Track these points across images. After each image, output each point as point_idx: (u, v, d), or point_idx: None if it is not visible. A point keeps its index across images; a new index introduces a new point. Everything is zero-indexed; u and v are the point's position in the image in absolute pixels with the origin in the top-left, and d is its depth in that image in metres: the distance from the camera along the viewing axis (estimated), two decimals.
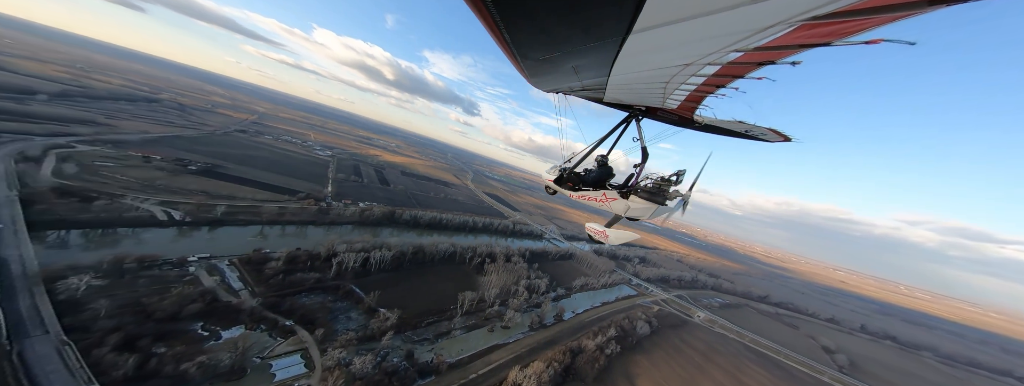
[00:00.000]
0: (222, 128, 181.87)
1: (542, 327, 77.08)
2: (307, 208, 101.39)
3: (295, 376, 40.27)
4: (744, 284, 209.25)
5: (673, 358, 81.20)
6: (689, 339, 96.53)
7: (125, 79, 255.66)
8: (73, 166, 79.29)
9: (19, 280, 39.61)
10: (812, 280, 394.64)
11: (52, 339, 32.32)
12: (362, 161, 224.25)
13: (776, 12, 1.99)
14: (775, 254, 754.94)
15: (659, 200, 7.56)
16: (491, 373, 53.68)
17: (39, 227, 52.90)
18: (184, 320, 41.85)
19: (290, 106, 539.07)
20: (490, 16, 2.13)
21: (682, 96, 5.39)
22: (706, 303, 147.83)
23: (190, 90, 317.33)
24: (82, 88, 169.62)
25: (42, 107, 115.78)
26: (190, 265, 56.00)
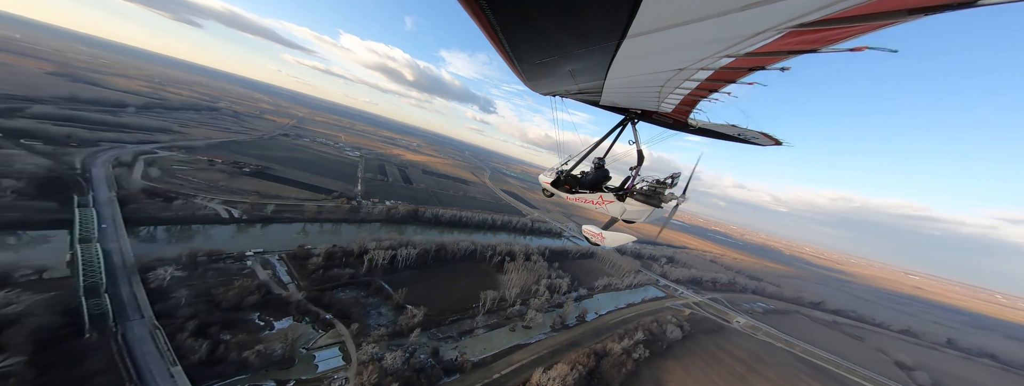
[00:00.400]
0: (269, 133, 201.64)
1: (564, 328, 75.85)
2: (341, 207, 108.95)
3: (334, 368, 42.87)
4: (793, 288, 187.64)
5: (710, 366, 75.61)
6: (727, 346, 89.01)
7: (192, 91, 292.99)
8: (157, 170, 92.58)
9: (120, 270, 47.28)
10: (878, 285, 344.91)
11: (146, 323, 38.24)
12: (387, 161, 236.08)
13: (765, 19, 2.08)
14: (828, 255, 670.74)
15: (655, 203, 7.66)
16: (514, 374, 53.71)
17: (133, 223, 62.60)
18: (244, 310, 46.97)
19: (323, 110, 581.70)
20: (487, 20, 2.12)
21: (677, 100, 5.44)
22: (746, 308, 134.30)
23: (242, 98, 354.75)
24: (160, 100, 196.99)
25: (131, 118, 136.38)
26: (247, 259, 62.86)
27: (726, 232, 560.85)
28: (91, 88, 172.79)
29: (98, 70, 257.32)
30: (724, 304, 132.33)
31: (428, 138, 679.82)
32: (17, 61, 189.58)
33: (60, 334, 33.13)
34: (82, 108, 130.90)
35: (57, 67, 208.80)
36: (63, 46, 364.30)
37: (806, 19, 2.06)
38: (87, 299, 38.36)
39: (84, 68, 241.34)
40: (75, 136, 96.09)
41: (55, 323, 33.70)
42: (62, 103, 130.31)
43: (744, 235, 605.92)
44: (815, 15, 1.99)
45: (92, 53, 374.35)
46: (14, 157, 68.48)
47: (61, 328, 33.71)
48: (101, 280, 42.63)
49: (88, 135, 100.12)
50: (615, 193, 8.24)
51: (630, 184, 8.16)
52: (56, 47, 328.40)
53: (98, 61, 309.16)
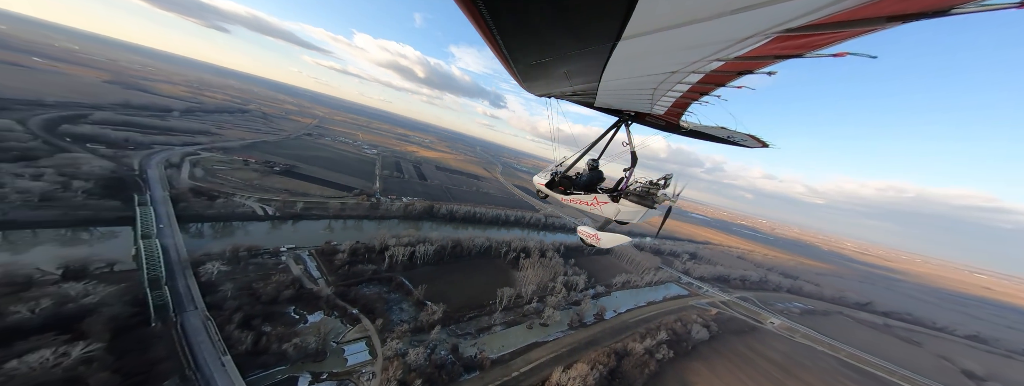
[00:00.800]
0: (294, 133, 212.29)
1: (582, 326, 74.87)
2: (362, 203, 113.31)
3: (362, 362, 44.64)
4: (834, 287, 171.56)
5: (740, 369, 71.59)
6: (760, 348, 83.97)
7: (225, 94, 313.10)
8: (200, 170, 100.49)
9: (176, 264, 52.19)
10: (937, 285, 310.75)
11: (199, 314, 42.17)
12: (402, 158, 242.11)
13: (753, 24, 2.21)
14: (874, 251, 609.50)
15: (648, 203, 7.76)
16: (532, 372, 53.81)
17: (184, 220, 68.64)
18: (281, 303, 50.33)
19: (342, 109, 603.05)
20: (483, 21, 2.16)
21: (669, 102, 5.57)
22: (781, 308, 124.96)
23: (269, 100, 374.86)
24: (198, 104, 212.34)
25: (176, 122, 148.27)
26: (282, 255, 67.27)
27: (754, 226, 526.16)
28: (142, 94, 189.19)
29: (146, 77, 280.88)
30: (755, 303, 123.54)
31: (440, 134, 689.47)
32: (79, 71, 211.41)
33: (131, 323, 37.28)
34: (135, 113, 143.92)
35: (112, 76, 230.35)
36: (116, 55, 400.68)
37: (792, 25, 2.15)
38: (151, 291, 42.71)
39: (135, 76, 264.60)
40: (132, 140, 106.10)
41: (126, 312, 37.89)
42: (119, 109, 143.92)
43: (775, 229, 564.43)
44: (800, 21, 2.09)
45: (140, 61, 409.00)
46: (82, 160, 76.72)
47: (131, 317, 37.88)
48: (161, 273, 47.27)
49: (142, 138, 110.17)
50: (609, 194, 8.22)
51: (624, 185, 8.19)
52: (110, 57, 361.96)
53: (145, 69, 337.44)
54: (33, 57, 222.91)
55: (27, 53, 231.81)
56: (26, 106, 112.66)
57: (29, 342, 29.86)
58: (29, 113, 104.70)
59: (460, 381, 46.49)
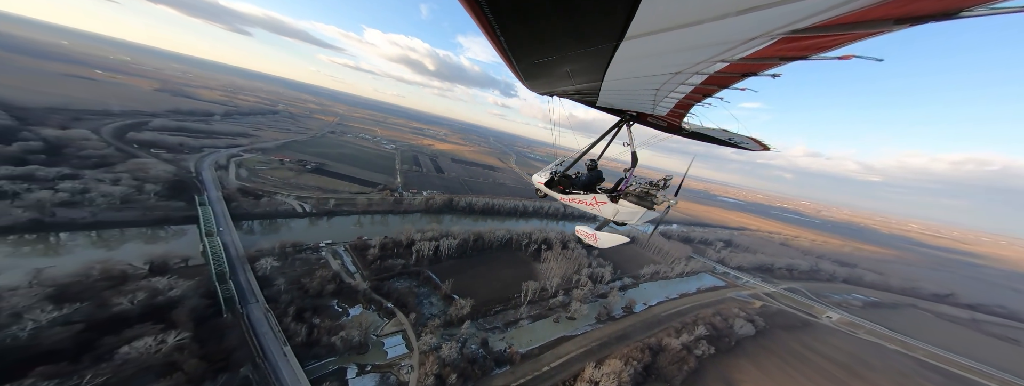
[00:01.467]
0: (319, 131, 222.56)
1: (610, 320, 73.24)
2: (386, 199, 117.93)
3: (400, 355, 46.66)
4: (902, 276, 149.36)
5: (795, 368, 64.76)
6: (817, 346, 75.83)
7: (256, 96, 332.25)
8: (244, 171, 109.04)
9: (236, 259, 58.06)
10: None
11: (260, 307, 47.07)
12: (419, 151, 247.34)
13: (759, 25, 2.19)
14: (947, 232, 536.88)
15: (647, 204, 7.75)
16: (563, 367, 53.66)
17: (237, 218, 75.56)
18: (325, 297, 54.47)
19: (359, 106, 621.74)
20: (485, 19, 2.17)
21: (672, 103, 5.64)
22: (838, 300, 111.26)
23: (293, 100, 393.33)
24: (235, 107, 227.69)
25: (219, 125, 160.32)
26: (321, 250, 72.43)
27: (797, 209, 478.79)
28: (187, 101, 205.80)
29: (188, 84, 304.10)
30: (806, 295, 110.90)
31: (453, 126, 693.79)
32: (133, 81, 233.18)
33: (207, 314, 42.49)
34: (184, 119, 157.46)
35: (161, 84, 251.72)
36: (161, 64, 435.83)
37: (798, 26, 2.14)
38: (219, 285, 48.10)
39: (179, 83, 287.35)
40: (185, 144, 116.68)
41: (202, 304, 43.15)
42: (171, 115, 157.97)
43: (821, 212, 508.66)
44: (806, 22, 2.08)
45: (181, 69, 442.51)
46: (149, 165, 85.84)
47: (207, 308, 43.14)
48: (226, 268, 52.90)
49: (194, 143, 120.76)
50: (608, 194, 8.24)
51: (623, 186, 8.16)
52: (156, 66, 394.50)
53: (186, 76, 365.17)
54: (95, 70, 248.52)
55: (89, 66, 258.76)
56: (97, 116, 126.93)
57: (133, 330, 35.10)
58: (100, 122, 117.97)
59: (492, 375, 47.58)
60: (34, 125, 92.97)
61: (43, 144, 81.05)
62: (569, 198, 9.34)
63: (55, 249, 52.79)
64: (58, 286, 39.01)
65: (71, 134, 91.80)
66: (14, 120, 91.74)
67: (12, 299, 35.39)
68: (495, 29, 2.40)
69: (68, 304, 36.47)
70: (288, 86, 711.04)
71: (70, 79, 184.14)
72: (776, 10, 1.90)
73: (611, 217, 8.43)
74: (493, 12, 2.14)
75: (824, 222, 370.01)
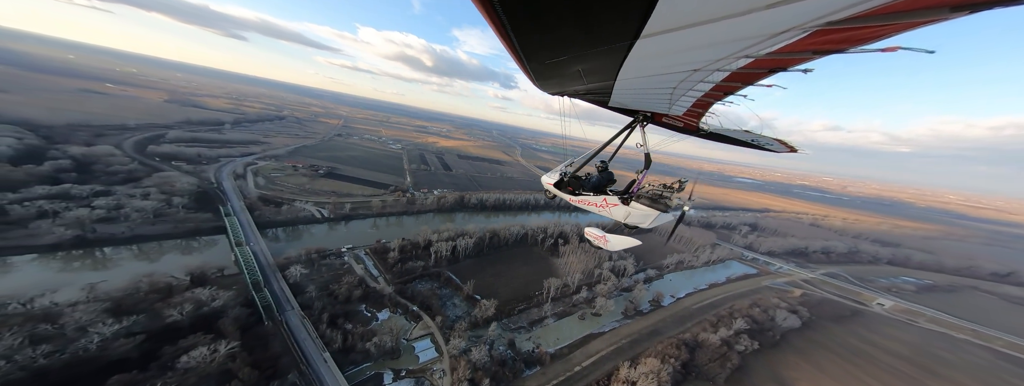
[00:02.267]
0: (326, 135, 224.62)
1: (638, 314, 71.21)
2: (399, 200, 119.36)
3: (431, 359, 46.58)
4: (954, 253, 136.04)
5: (857, 365, 58.07)
6: (875, 338, 68.50)
7: (260, 103, 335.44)
8: (262, 179, 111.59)
9: (268, 268, 60.27)
10: None
11: (296, 314, 49.09)
12: (424, 149, 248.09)
13: (790, 18, 2.02)
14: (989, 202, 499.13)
15: (660, 207, 7.53)
16: (595, 365, 52.08)
17: (261, 227, 77.93)
18: (353, 302, 55.89)
19: (361, 107, 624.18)
20: (498, 18, 2.14)
21: (689, 102, 5.41)
22: (886, 285, 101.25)
23: (297, 105, 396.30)
24: (242, 115, 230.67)
25: (231, 134, 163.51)
26: (343, 255, 74.37)
27: (819, 186, 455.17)
28: (196, 110, 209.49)
29: (195, 93, 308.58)
30: (849, 280, 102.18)
31: (455, 122, 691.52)
32: (143, 94, 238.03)
33: (249, 322, 44.68)
34: (197, 129, 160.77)
35: (170, 95, 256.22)
36: (166, 74, 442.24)
37: (835, 17, 1.94)
38: (256, 293, 50.24)
39: (185, 93, 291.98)
40: (203, 155, 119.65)
41: (244, 313, 45.33)
42: (185, 126, 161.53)
43: (846, 188, 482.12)
44: (845, 13, 1.88)
45: (185, 78, 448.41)
46: (173, 178, 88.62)
47: (248, 317, 45.34)
48: (259, 277, 55.10)
49: (210, 153, 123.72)
50: (619, 196, 8.08)
51: (635, 188, 7.98)
52: (162, 76, 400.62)
53: (191, 85, 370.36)
54: (107, 83, 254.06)
55: (100, 80, 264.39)
56: (116, 130, 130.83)
57: (188, 340, 37.28)
58: (120, 137, 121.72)
59: (523, 377, 46.89)
60: (60, 143, 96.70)
61: (72, 162, 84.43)
62: (579, 200, 9.18)
63: (103, 263, 56.05)
64: (113, 300, 41.61)
65: (96, 151, 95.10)
66: (41, 139, 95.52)
67: (75, 314, 38.03)
68: (507, 29, 2.31)
69: (126, 317, 39.05)
70: (290, 90, 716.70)
71: (85, 95, 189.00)
72: (810, 2, 1.73)
73: (622, 219, 8.21)
74: (506, 13, 2.07)
75: (852, 199, 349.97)
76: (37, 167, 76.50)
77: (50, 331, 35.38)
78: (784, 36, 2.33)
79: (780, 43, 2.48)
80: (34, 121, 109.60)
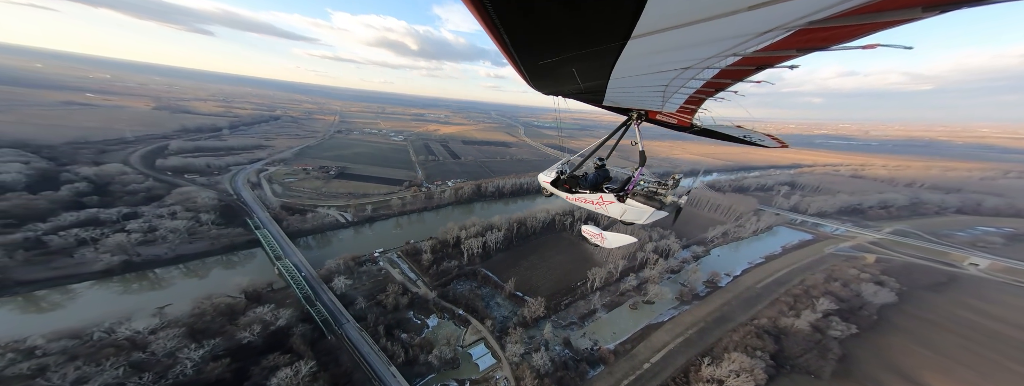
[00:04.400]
0: (326, 133, 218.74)
1: (696, 299, 64.29)
2: (417, 196, 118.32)
3: (490, 367, 44.62)
4: (1021, 193, 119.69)
5: (987, 346, 47.80)
6: (993, 310, 56.68)
7: (250, 104, 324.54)
8: (278, 186, 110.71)
9: (312, 280, 61.47)
10: None
11: (353, 327, 50.51)
12: (427, 138, 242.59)
13: (774, 18, 2.17)
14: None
15: (655, 204, 7.83)
16: (665, 362, 46.83)
17: (292, 237, 78.63)
18: (401, 310, 56.18)
19: (353, 99, 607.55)
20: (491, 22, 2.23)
21: (681, 100, 5.72)
22: (967, 239, 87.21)
23: (287, 103, 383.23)
24: (237, 118, 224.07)
25: (232, 139, 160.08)
26: (378, 260, 75.10)
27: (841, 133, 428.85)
28: (189, 117, 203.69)
29: (181, 98, 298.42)
30: (922, 237, 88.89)
31: (451, 107, 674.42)
32: (128, 102, 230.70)
33: (313, 337, 46.53)
34: (197, 137, 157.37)
35: (156, 102, 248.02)
36: (142, 79, 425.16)
37: (817, 17, 2.10)
38: (311, 308, 51.68)
39: (171, 98, 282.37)
40: (212, 165, 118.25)
41: (306, 329, 47.08)
42: (183, 135, 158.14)
43: (869, 133, 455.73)
44: (825, 13, 2.04)
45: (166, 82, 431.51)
46: (192, 193, 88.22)
47: (311, 332, 47.17)
48: (309, 291, 56.40)
49: (217, 162, 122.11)
50: (615, 194, 8.28)
51: (631, 185, 8.17)
52: (139, 81, 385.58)
53: (173, 89, 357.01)
54: (86, 93, 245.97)
55: (78, 89, 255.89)
56: (117, 145, 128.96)
57: (269, 360, 39.09)
58: (124, 152, 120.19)
59: (588, 379, 43.25)
60: (68, 164, 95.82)
61: (88, 184, 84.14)
62: (575, 197, 9.43)
63: (158, 284, 58.38)
64: (186, 325, 43.35)
65: (108, 170, 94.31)
66: (47, 161, 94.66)
67: (159, 342, 40.22)
68: (500, 30, 2.34)
69: (205, 340, 40.93)
70: (276, 88, 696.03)
71: (71, 107, 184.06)
72: (793, 3, 1.86)
73: (618, 216, 8.44)
74: (498, 14, 2.10)
75: (881, 143, 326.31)
76: (56, 193, 76.52)
77: (144, 358, 37.42)
78: (769, 35, 2.45)
79: (766, 41, 2.58)
80: (33, 141, 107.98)
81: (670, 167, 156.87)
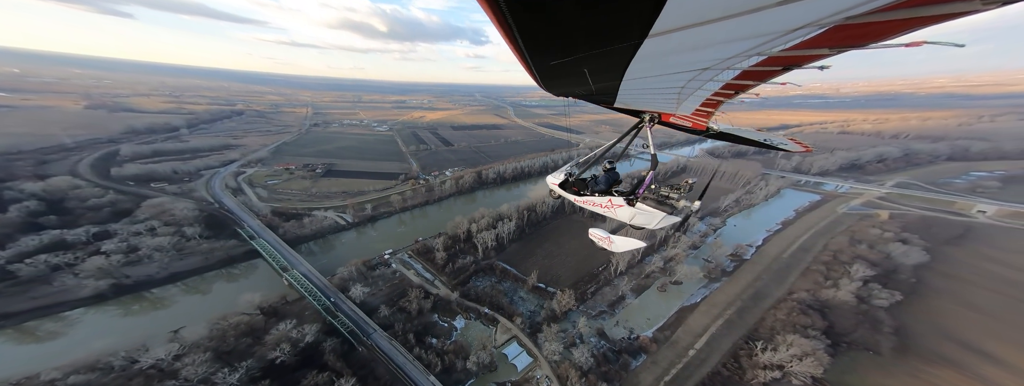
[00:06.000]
0: (301, 127, 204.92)
1: (724, 275, 62.47)
2: (417, 190, 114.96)
3: (528, 366, 43.94)
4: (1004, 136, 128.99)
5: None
6: (1013, 259, 57.22)
7: (204, 98, 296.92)
8: (262, 190, 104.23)
9: (327, 291, 59.85)
10: None
11: (382, 336, 49.98)
12: (414, 127, 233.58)
13: (806, 14, 2.03)
14: (981, 79, 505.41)
15: (667, 208, 7.89)
16: (710, 347, 45.09)
17: (292, 245, 75.53)
18: (426, 314, 54.52)
19: (323, 88, 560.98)
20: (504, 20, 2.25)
21: (697, 102, 5.66)
22: (964, 185, 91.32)
23: (247, 95, 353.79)
24: (193, 115, 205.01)
25: (193, 140, 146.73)
26: (390, 263, 73.61)
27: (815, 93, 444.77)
28: (134, 116, 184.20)
29: (116, 94, 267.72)
30: (924, 188, 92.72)
31: (433, 91, 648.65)
32: (53, 101, 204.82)
33: (343, 350, 46.32)
34: (151, 140, 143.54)
35: (87, 100, 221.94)
36: (61, 72, 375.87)
37: (856, 11, 1.91)
38: (333, 319, 50.82)
39: (104, 95, 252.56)
40: (178, 171, 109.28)
41: (335, 342, 46.69)
42: (133, 138, 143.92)
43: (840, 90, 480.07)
44: (867, 6, 1.84)
45: (91, 75, 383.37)
46: (165, 204, 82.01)
47: (341, 345, 46.85)
48: (326, 302, 55.14)
49: (184, 166, 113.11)
50: (625, 197, 8.36)
51: (641, 189, 8.18)
52: (57, 75, 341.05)
53: (103, 83, 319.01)
54: (0, 92, 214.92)
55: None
56: (57, 153, 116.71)
57: (308, 379, 38.74)
58: (69, 162, 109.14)
59: (633, 371, 42.14)
60: (6, 180, 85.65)
61: (38, 202, 76.28)
62: (584, 200, 9.53)
63: (160, 303, 56.13)
64: (209, 348, 42.30)
65: (57, 184, 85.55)
66: None
67: (188, 368, 38.91)
68: (513, 31, 2.35)
69: (237, 363, 40.25)
70: (229, 78, 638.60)
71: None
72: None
73: (627, 221, 8.48)
74: (512, 14, 2.08)
75: (854, 99, 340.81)
76: (4, 215, 68.86)
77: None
78: (799, 33, 2.31)
79: (795, 40, 2.46)
80: None
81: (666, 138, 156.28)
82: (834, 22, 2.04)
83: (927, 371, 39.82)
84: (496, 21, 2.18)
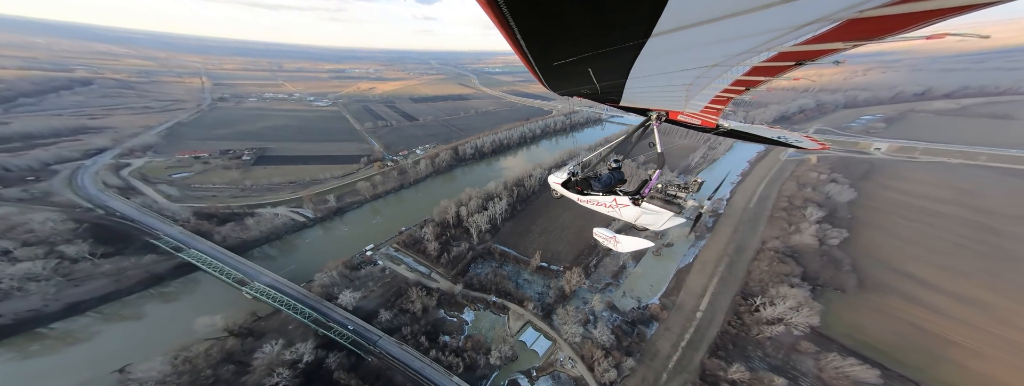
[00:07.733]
0: (198, 102, 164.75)
1: (708, 232, 66.91)
2: (387, 174, 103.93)
3: (549, 349, 44.27)
4: (878, 85, 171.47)
5: (927, 223, 55.26)
6: (911, 188, 68.61)
7: (9, 59, 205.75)
8: (168, 186, 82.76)
9: (308, 300, 52.63)
10: (949, 51, 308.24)
11: (389, 341, 45.95)
12: (364, 101, 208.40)
13: (817, 8, 2.04)
14: None
15: (674, 209, 8.03)
16: (713, 307, 47.55)
17: (242, 252, 63.50)
18: (432, 311, 52.26)
19: (223, 52, 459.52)
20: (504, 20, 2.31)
21: (706, 99, 5.68)
22: (860, 128, 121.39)
23: (89, 56, 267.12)
24: (7, 86, 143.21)
25: (21, 123, 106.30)
26: (374, 259, 66.76)
27: None
28: None
29: None
30: (834, 133, 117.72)
31: (378, 58, 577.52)
32: None
33: (351, 363, 42.27)
34: None
35: None
36: None
37: (871, 4, 1.90)
38: (329, 331, 45.83)
39: None
40: (12, 166, 79.23)
41: (340, 356, 42.35)
42: None
43: None
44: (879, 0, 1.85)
45: None
46: (11, 217, 60.27)
47: (346, 359, 42.64)
48: (312, 313, 48.95)
49: (17, 161, 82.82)
50: (630, 197, 8.47)
51: (647, 188, 8.28)
52: None
53: None
54: None
55: None
56: None
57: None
58: None
59: (650, 340, 44.01)
60: None
61: None
62: (587, 200, 9.58)
63: (71, 338, 44.07)
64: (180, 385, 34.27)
65: None
66: None
67: None
68: (514, 31, 2.41)
69: None
70: (49, 32, 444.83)
71: None
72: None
73: (632, 221, 8.57)
74: (512, 13, 2.17)
75: None
76: None
77: None
78: (811, 27, 2.32)
79: (806, 34, 2.49)
80: None
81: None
82: (847, 16, 2.02)
83: (886, 304, 44.85)
84: (497, 22, 2.17)
